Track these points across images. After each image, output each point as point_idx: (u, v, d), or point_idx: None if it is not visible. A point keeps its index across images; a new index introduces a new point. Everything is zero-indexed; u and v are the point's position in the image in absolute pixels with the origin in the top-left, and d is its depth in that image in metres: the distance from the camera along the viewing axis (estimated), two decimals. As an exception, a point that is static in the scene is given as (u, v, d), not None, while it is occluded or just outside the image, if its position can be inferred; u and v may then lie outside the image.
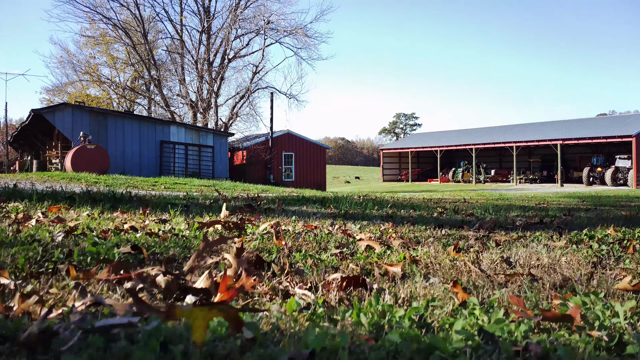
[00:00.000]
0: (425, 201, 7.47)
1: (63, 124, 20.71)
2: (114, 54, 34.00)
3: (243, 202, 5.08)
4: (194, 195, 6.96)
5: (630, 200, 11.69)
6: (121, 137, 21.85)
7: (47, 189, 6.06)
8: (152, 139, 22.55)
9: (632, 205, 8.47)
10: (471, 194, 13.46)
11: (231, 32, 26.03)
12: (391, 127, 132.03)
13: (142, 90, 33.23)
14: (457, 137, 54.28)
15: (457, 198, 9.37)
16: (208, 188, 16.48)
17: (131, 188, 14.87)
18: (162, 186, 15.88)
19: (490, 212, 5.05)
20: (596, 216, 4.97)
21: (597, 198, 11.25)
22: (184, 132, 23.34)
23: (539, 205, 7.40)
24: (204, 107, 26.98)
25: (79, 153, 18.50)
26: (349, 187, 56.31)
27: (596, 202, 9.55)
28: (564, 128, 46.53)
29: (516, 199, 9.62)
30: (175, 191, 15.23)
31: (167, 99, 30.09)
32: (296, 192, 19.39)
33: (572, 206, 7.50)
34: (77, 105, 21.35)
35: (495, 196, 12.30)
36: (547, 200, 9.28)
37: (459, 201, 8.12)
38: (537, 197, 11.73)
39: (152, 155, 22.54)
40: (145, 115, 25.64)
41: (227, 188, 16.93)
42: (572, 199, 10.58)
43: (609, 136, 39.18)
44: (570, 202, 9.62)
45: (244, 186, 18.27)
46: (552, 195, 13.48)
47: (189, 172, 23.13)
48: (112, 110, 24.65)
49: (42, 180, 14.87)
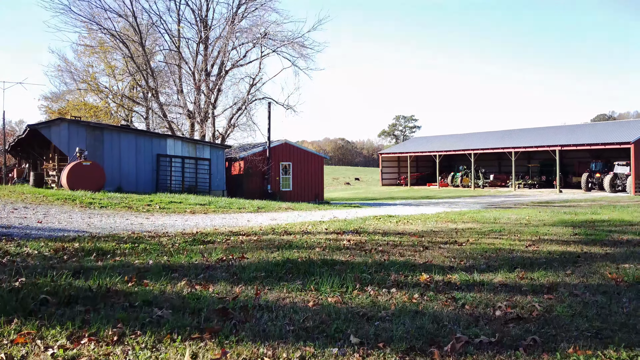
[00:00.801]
0: (414, 247, 7.46)
1: (59, 139, 20.70)
2: (112, 63, 34.00)
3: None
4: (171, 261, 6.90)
5: (631, 224, 11.62)
6: (117, 151, 21.84)
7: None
8: (149, 153, 22.54)
9: (630, 240, 8.42)
10: (465, 217, 13.43)
11: (228, 44, 25.99)
12: (391, 130, 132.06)
13: (140, 99, 33.20)
14: (456, 142, 54.25)
15: (448, 237, 9.37)
16: (202, 207, 16.49)
17: (125, 209, 14.88)
18: (157, 206, 15.88)
19: (475, 279, 5.03)
20: (586, 287, 4.96)
21: (591, 225, 11.21)
22: (180, 145, 23.32)
23: (528, 250, 7.38)
24: (201, 118, 26.95)
25: (74, 170, 18.49)
26: (348, 191, 56.28)
27: (590, 234, 9.51)
28: (562, 133, 46.50)
29: (508, 233, 9.59)
30: (170, 212, 15.24)
31: (164, 107, 30.07)
32: (292, 207, 19.40)
33: (562, 250, 7.48)
34: (73, 120, 21.34)
35: (489, 220, 12.26)
36: (539, 235, 9.25)
37: (449, 241, 8.09)
38: (531, 223, 11.70)
39: (148, 169, 22.53)
40: (141, 129, 25.63)
41: (222, 207, 16.94)
42: (566, 228, 10.54)
43: (608, 142, 39.20)
44: (563, 233, 9.59)
45: (239, 203, 18.27)
46: (547, 218, 13.45)
47: (186, 185, 23.12)
48: (109, 124, 24.65)
49: (37, 202, 14.86)
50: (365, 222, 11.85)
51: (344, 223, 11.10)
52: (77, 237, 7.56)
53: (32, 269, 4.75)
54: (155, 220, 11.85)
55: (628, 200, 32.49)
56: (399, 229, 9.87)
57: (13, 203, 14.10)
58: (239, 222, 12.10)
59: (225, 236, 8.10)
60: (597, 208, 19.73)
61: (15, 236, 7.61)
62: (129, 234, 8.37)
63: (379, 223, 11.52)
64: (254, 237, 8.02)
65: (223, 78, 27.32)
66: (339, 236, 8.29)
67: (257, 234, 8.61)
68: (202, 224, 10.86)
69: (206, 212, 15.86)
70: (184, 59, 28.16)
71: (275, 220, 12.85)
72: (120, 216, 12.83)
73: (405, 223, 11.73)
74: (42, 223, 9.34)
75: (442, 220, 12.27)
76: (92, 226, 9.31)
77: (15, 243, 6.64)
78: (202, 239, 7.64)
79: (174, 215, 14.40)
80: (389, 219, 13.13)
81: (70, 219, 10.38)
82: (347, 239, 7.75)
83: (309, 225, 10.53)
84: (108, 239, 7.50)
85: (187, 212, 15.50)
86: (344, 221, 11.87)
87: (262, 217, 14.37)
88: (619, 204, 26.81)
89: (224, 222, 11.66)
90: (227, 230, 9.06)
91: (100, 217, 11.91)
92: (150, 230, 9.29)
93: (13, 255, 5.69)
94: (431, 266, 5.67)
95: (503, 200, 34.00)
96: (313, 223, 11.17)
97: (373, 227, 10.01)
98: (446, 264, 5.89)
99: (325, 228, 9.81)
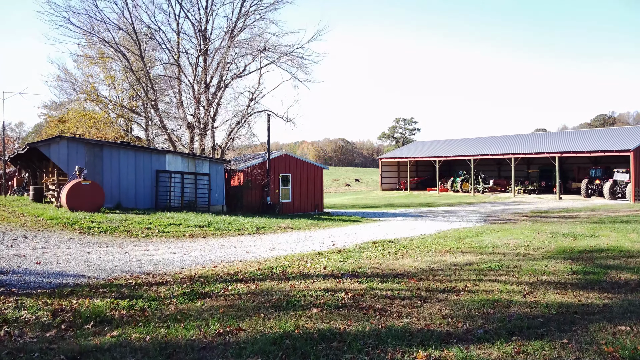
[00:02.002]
0: (412, 300, 7.46)
1: (58, 157, 20.71)
2: (112, 73, 34.00)
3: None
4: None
5: (629, 255, 11.57)
6: (117, 168, 21.85)
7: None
8: (148, 169, 22.54)
9: (627, 281, 8.40)
10: (464, 244, 13.42)
11: (227, 58, 25.96)
12: (390, 132, 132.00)
13: (140, 109, 33.21)
14: (456, 147, 54.23)
15: (446, 280, 9.38)
16: (202, 230, 16.50)
17: (125, 234, 14.89)
18: (156, 229, 15.91)
19: (472, 356, 5.04)
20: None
21: (589, 258, 11.20)
22: (180, 160, 23.33)
23: (526, 301, 7.38)
24: (201, 132, 26.96)
25: (74, 190, 18.50)
26: (348, 196, 56.24)
27: (588, 273, 9.51)
28: (562, 139, 46.50)
29: (506, 272, 9.59)
30: (169, 236, 15.26)
31: (164, 119, 30.06)
32: (291, 226, 19.41)
33: (560, 302, 7.48)
34: (72, 138, 21.34)
35: (487, 250, 12.26)
36: (537, 275, 9.25)
37: (446, 288, 8.10)
38: (529, 254, 11.70)
39: (147, 184, 22.54)
40: (140, 146, 25.62)
41: (221, 229, 16.93)
42: (564, 263, 10.53)
43: (607, 150, 39.21)
44: (561, 272, 9.58)
45: (238, 223, 18.27)
46: (545, 244, 13.45)
47: (185, 201, 23.14)
48: (108, 141, 24.65)
49: (36, 228, 14.88)
50: (364, 253, 11.86)
51: (342, 257, 11.10)
52: (75, 288, 7.57)
53: (29, 352, 4.77)
54: (154, 252, 11.85)
55: (627, 208, 32.49)
56: (397, 267, 9.87)
57: (12, 230, 14.11)
58: (238, 252, 12.10)
59: (224, 284, 8.10)
60: (596, 225, 19.71)
61: (14, 286, 7.62)
62: (127, 280, 8.38)
63: (378, 255, 11.52)
64: (252, 285, 8.03)
65: (223, 91, 27.33)
66: (337, 283, 8.30)
67: (255, 278, 8.61)
68: (201, 259, 10.86)
69: (205, 235, 15.88)
70: (183, 71, 28.15)
71: (274, 249, 12.85)
72: (119, 245, 12.85)
73: (404, 254, 11.74)
74: (40, 265, 9.34)
75: (441, 251, 12.27)
76: (90, 267, 9.31)
77: (14, 301, 6.65)
78: (200, 289, 7.64)
79: (173, 241, 14.42)
80: (388, 247, 13.13)
81: (68, 257, 10.38)
82: (345, 289, 7.76)
83: (308, 261, 10.53)
84: (106, 290, 7.51)
85: (186, 235, 15.52)
86: (343, 253, 11.87)
87: (261, 242, 14.37)
88: (618, 216, 26.82)
89: (222, 254, 11.66)
90: (225, 273, 9.06)
91: (99, 249, 11.91)
92: (149, 270, 9.30)
93: (11, 324, 5.71)
94: (429, 334, 5.67)
95: (502, 209, 33.98)
96: (312, 257, 11.17)
97: (371, 266, 10.01)
98: (444, 329, 5.90)
99: (323, 267, 9.81)
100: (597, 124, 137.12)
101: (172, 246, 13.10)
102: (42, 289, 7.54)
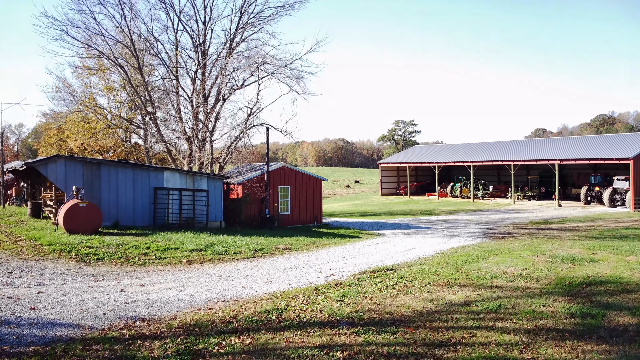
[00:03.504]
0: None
1: (56, 176, 20.65)
2: (111, 84, 33.93)
3: None
4: None
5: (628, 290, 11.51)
6: (115, 186, 21.79)
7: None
8: (146, 186, 22.49)
9: (626, 326, 8.34)
10: (462, 275, 13.37)
11: (225, 72, 25.86)
12: (390, 135, 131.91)
13: (139, 122, 33.15)
14: (456, 153, 54.14)
15: (443, 328, 9.30)
16: (199, 255, 16.44)
17: (121, 262, 14.85)
18: (153, 255, 15.87)
19: None
20: None
21: (588, 294, 11.15)
22: (178, 177, 23.27)
23: (523, 358, 7.33)
24: (199, 146, 26.89)
25: (71, 212, 18.43)
26: (348, 201, 56.22)
27: (586, 314, 9.46)
28: (562, 146, 46.41)
29: (504, 314, 9.53)
30: (166, 263, 15.23)
31: (161, 125, 30.00)
32: (290, 246, 19.37)
33: (556, 351, 7.43)
34: (70, 157, 21.29)
35: (486, 283, 12.21)
36: (535, 319, 9.20)
37: (442, 341, 8.05)
38: (528, 287, 11.65)
39: (146, 202, 22.49)
40: (138, 163, 25.56)
41: (218, 253, 16.89)
42: (562, 302, 10.48)
43: (607, 158, 39.15)
44: (559, 314, 9.53)
45: (236, 245, 18.21)
46: (544, 272, 13.39)
47: (184, 217, 23.09)
48: (106, 159, 24.62)
49: (32, 256, 14.83)
50: (361, 288, 11.82)
51: (339, 295, 11.06)
52: (68, 345, 7.52)
53: None
54: (150, 287, 11.80)
55: (627, 218, 32.46)
56: (395, 310, 9.81)
57: (9, 261, 14.06)
58: (234, 287, 12.06)
59: (219, 337, 8.05)
60: (595, 243, 19.68)
61: (7, 343, 7.58)
62: (121, 330, 8.34)
63: (375, 291, 11.49)
64: (247, 339, 7.98)
65: (221, 106, 27.26)
66: (333, 335, 8.24)
67: (251, 328, 8.56)
68: (197, 298, 10.82)
69: (202, 261, 15.85)
70: (182, 86, 28.10)
71: (271, 281, 12.80)
72: (115, 277, 12.81)
73: (402, 289, 11.72)
74: (35, 310, 9.30)
75: (439, 283, 12.23)
76: (85, 313, 9.26)
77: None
78: (194, 345, 7.61)
79: (169, 270, 14.38)
80: (386, 277, 13.11)
81: (63, 298, 10.34)
82: (340, 345, 7.72)
83: (304, 301, 10.49)
84: (99, 347, 7.47)
85: (183, 262, 15.50)
86: (340, 288, 11.83)
87: (258, 271, 14.31)
88: (617, 228, 26.78)
89: (218, 290, 11.62)
90: (221, 320, 9.01)
91: (95, 284, 11.86)
92: (144, 316, 9.25)
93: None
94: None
95: (501, 218, 33.96)
96: (308, 294, 11.13)
97: (368, 307, 9.96)
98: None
99: (320, 309, 9.77)
100: (597, 124, 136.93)
101: (169, 278, 13.05)
102: (35, 345, 7.49)
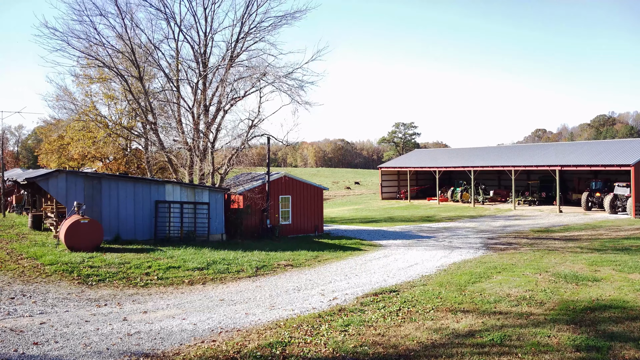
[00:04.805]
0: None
1: (57, 191, 20.61)
2: (111, 92, 33.88)
3: None
4: None
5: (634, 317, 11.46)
6: (115, 200, 21.75)
7: None
8: (147, 199, 22.44)
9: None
10: (465, 299, 13.34)
11: (226, 82, 25.80)
12: (390, 137, 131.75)
13: (139, 129, 33.09)
14: (456, 157, 54.10)
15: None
16: (201, 274, 16.40)
17: (123, 283, 14.82)
18: (155, 275, 15.84)
19: None
20: None
21: (592, 322, 11.11)
22: (179, 190, 23.22)
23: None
24: (200, 158, 26.84)
25: (72, 228, 18.40)
26: (348, 206, 56.21)
27: (591, 347, 9.44)
28: (563, 151, 46.37)
29: (508, 346, 9.51)
30: (168, 284, 15.19)
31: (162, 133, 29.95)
32: (292, 262, 19.34)
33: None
34: (71, 172, 21.24)
35: (489, 308, 12.18)
36: (539, 352, 9.17)
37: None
38: (532, 313, 11.62)
39: (147, 215, 22.44)
40: (139, 177, 25.51)
41: (220, 272, 16.85)
42: (566, 331, 10.45)
43: (608, 164, 39.09)
44: (564, 347, 9.50)
45: (237, 263, 18.17)
46: (547, 294, 13.36)
47: (185, 230, 23.05)
48: (106, 173, 24.58)
49: (34, 277, 14.79)
50: (365, 315, 11.80)
51: (343, 323, 11.04)
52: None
53: None
54: (152, 314, 11.76)
55: (628, 226, 32.44)
56: (399, 342, 9.78)
57: (10, 284, 14.01)
58: (237, 313, 12.03)
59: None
60: (597, 257, 19.66)
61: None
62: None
63: (379, 319, 11.46)
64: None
65: (222, 118, 27.23)
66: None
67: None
68: (200, 327, 10.80)
69: (204, 281, 15.83)
70: (182, 96, 28.03)
71: (274, 306, 12.77)
72: (117, 302, 12.78)
73: (406, 315, 11.72)
74: (38, 346, 9.27)
75: (443, 309, 12.21)
76: (88, 348, 9.23)
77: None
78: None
79: (171, 292, 14.35)
80: (390, 301, 13.09)
81: (66, 329, 10.31)
82: None
83: (307, 332, 10.47)
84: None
85: (185, 282, 15.48)
86: (343, 315, 11.82)
87: (260, 294, 14.26)
88: (619, 237, 26.76)
89: (221, 318, 11.59)
90: (224, 357, 8.98)
91: (97, 311, 11.83)
92: (147, 350, 9.22)
93: None
94: None
95: (502, 225, 33.94)
96: (312, 323, 11.11)
97: (372, 340, 9.93)
98: None
99: (324, 343, 9.75)
100: (597, 124, 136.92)
101: (171, 303, 13.01)
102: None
